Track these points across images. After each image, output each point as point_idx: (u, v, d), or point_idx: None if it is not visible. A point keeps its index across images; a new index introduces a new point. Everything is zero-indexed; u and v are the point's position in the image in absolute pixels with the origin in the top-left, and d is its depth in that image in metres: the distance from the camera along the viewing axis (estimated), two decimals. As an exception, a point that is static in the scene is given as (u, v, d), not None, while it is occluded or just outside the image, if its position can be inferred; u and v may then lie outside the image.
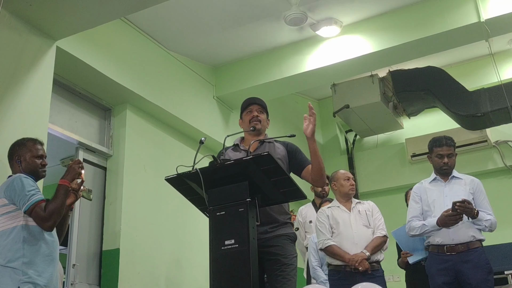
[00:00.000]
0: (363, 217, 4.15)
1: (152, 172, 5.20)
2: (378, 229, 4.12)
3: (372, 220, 4.15)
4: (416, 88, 6.96)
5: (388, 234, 4.16)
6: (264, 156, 2.76)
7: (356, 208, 4.21)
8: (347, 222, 4.13)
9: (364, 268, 3.86)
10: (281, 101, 7.36)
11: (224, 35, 5.77)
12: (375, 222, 4.16)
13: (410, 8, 5.65)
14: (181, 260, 5.33)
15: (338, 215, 4.17)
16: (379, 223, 4.15)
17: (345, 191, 4.26)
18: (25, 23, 3.84)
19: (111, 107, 5.21)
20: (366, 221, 4.13)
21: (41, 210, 2.77)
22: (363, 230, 4.09)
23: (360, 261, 3.87)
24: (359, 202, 4.31)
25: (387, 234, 4.13)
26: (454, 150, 3.87)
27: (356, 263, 3.87)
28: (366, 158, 8.12)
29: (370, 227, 4.12)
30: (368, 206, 4.26)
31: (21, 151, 3.00)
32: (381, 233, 4.08)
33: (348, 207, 4.22)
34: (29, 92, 3.80)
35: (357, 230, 4.07)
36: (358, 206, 4.25)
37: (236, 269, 2.67)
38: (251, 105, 3.41)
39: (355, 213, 4.17)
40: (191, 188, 2.99)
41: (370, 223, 4.13)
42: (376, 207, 4.29)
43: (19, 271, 2.69)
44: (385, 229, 4.14)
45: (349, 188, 4.26)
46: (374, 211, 4.24)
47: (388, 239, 4.20)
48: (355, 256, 3.91)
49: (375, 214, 4.21)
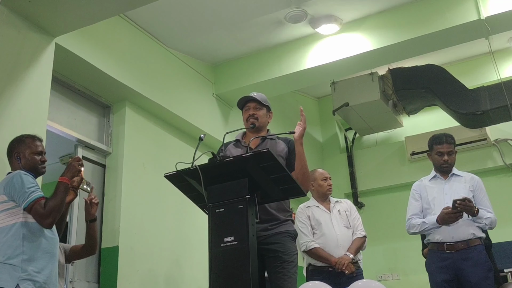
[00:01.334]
0: (344, 218, 4.22)
1: (151, 170, 5.19)
2: (357, 230, 4.20)
3: (351, 220, 4.22)
4: (415, 86, 6.95)
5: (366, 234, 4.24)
6: (263, 153, 2.76)
7: (336, 208, 4.27)
8: (328, 223, 4.18)
9: (350, 271, 3.96)
10: (281, 99, 7.35)
11: (223, 32, 5.75)
12: (354, 222, 4.23)
13: (410, 6, 5.64)
14: (181, 257, 5.32)
15: (319, 216, 4.22)
16: (358, 223, 4.24)
17: (323, 191, 4.32)
18: (23, 19, 3.83)
19: (110, 105, 5.19)
20: (346, 222, 4.21)
21: (41, 207, 2.75)
22: (344, 231, 4.16)
23: (347, 265, 3.95)
24: (337, 201, 4.37)
25: (366, 234, 4.22)
26: (454, 148, 3.87)
27: (343, 266, 3.95)
28: (365, 156, 8.11)
29: (350, 228, 4.20)
30: (346, 206, 4.32)
31: (20, 148, 2.98)
32: (361, 234, 4.18)
33: (327, 207, 4.28)
34: (28, 89, 3.79)
35: (340, 232, 4.14)
36: (337, 205, 4.30)
37: (235, 266, 2.67)
38: (247, 102, 3.40)
39: (335, 214, 4.24)
40: (190, 185, 2.98)
41: (350, 224, 4.21)
42: (353, 206, 4.39)
43: (18, 268, 2.68)
44: (363, 229, 4.23)
45: (327, 189, 4.32)
46: (352, 210, 4.31)
47: (367, 239, 4.26)
48: (341, 259, 3.99)
49: (353, 214, 4.29)
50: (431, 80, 6.81)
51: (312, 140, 8.17)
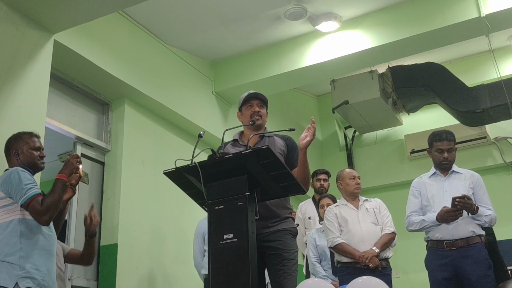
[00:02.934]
0: (371, 215, 4.20)
1: (150, 167, 5.18)
2: (386, 226, 4.17)
3: (380, 217, 4.20)
4: (415, 84, 6.94)
5: (396, 231, 4.19)
6: (263, 150, 2.74)
7: (364, 206, 4.27)
8: (355, 219, 4.18)
9: (375, 265, 3.92)
10: (280, 96, 7.34)
11: (223, 29, 5.74)
12: (383, 219, 4.21)
13: (410, 3, 5.63)
14: (180, 255, 5.31)
15: (346, 213, 4.23)
16: (387, 220, 4.20)
17: (350, 190, 4.33)
18: (22, 16, 3.81)
19: (109, 102, 5.18)
20: (374, 219, 4.18)
21: (38, 204, 2.74)
22: (371, 227, 4.13)
23: (370, 258, 3.92)
24: (367, 199, 4.36)
25: (395, 230, 4.18)
26: (454, 145, 3.86)
27: (367, 260, 3.92)
28: (365, 155, 8.10)
29: (378, 224, 4.17)
30: (376, 204, 4.31)
31: (18, 144, 2.97)
32: (390, 230, 4.14)
33: (356, 205, 4.29)
34: (26, 86, 3.78)
35: (366, 228, 4.12)
36: (366, 203, 4.30)
37: (235, 263, 2.66)
38: (253, 99, 3.38)
39: (363, 211, 4.23)
40: (189, 182, 2.97)
41: (378, 221, 4.18)
42: (383, 204, 4.34)
43: (16, 266, 2.66)
44: (393, 226, 4.19)
45: (354, 187, 4.33)
46: (382, 208, 4.29)
47: (397, 235, 4.22)
48: (365, 253, 3.96)
49: (383, 211, 4.26)
50: (431, 78, 6.80)
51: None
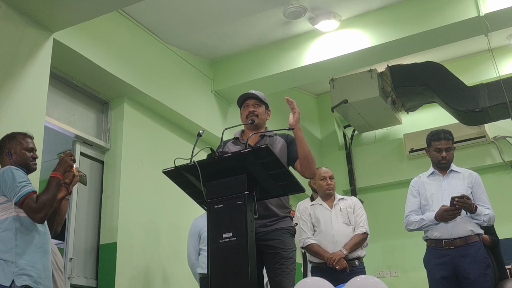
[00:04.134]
0: (344, 215, 4.22)
1: (149, 166, 5.18)
2: (358, 226, 4.18)
3: (353, 217, 4.20)
4: (414, 83, 6.94)
5: (368, 231, 4.20)
6: (262, 149, 2.75)
7: (338, 206, 4.28)
8: (327, 220, 4.21)
9: (342, 267, 3.97)
10: (279, 95, 7.32)
11: (222, 29, 5.74)
12: (356, 219, 4.22)
13: (409, 3, 5.63)
14: (179, 254, 5.31)
15: (319, 213, 4.26)
16: (360, 220, 4.21)
17: (321, 190, 4.37)
18: (21, 14, 3.81)
19: (109, 101, 5.18)
20: (346, 219, 4.20)
21: (33, 201, 2.73)
22: (343, 228, 4.16)
23: (338, 260, 3.96)
24: (342, 198, 4.37)
25: (367, 231, 4.20)
26: (453, 144, 3.86)
27: (334, 262, 3.96)
28: (364, 154, 8.11)
29: (351, 225, 4.19)
30: (351, 203, 4.32)
31: (11, 144, 2.96)
32: (361, 230, 4.16)
33: (330, 204, 4.30)
34: (26, 85, 3.78)
35: (337, 228, 4.15)
36: (340, 203, 4.30)
37: (234, 262, 2.66)
38: (247, 100, 3.39)
39: (336, 211, 4.25)
40: (189, 181, 2.97)
41: (350, 221, 4.20)
42: (358, 203, 4.35)
43: (11, 263, 2.65)
44: (365, 225, 4.20)
45: (325, 188, 4.33)
46: (356, 207, 4.29)
47: (369, 236, 4.23)
48: (333, 255, 4.01)
49: (357, 211, 4.27)
50: (430, 77, 6.80)
51: (311, 137, 8.16)
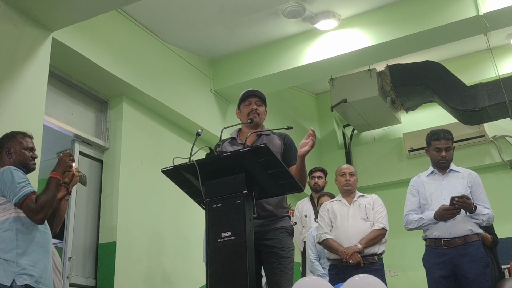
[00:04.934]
0: (362, 211, 4.18)
1: (148, 165, 5.18)
2: (376, 222, 4.13)
3: (372, 213, 4.17)
4: (414, 83, 6.95)
5: (388, 227, 4.16)
6: (261, 148, 2.75)
7: (357, 202, 4.26)
8: (344, 215, 4.18)
9: (355, 261, 3.90)
10: (279, 95, 7.34)
11: (221, 28, 5.73)
12: (375, 215, 4.17)
13: (408, 2, 5.62)
14: (178, 253, 5.32)
15: (337, 209, 4.23)
16: (379, 216, 4.17)
17: (340, 186, 4.36)
18: (20, 13, 3.81)
19: (108, 100, 5.18)
20: (364, 215, 4.16)
21: (32, 202, 2.72)
22: (359, 223, 4.12)
23: (351, 254, 3.91)
24: (362, 195, 4.34)
25: (386, 227, 4.13)
26: (452, 144, 3.86)
27: (347, 256, 3.91)
28: (363, 153, 8.11)
29: (369, 220, 4.14)
30: (370, 200, 4.29)
31: (11, 143, 2.95)
32: (379, 226, 4.10)
33: (350, 201, 4.28)
34: (25, 84, 3.77)
35: (353, 224, 4.12)
36: (360, 199, 4.29)
37: (232, 261, 2.66)
38: (250, 97, 3.38)
39: (354, 207, 4.22)
40: (187, 180, 2.97)
41: (368, 217, 4.16)
42: (379, 200, 4.30)
43: (13, 263, 2.65)
44: (384, 222, 4.14)
45: (343, 184, 4.33)
46: (376, 204, 4.25)
47: (388, 232, 4.19)
48: (347, 249, 3.96)
49: (376, 207, 4.22)
50: (429, 77, 6.80)
51: (310, 136, 8.15)
